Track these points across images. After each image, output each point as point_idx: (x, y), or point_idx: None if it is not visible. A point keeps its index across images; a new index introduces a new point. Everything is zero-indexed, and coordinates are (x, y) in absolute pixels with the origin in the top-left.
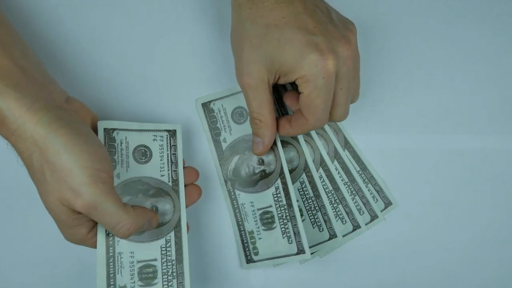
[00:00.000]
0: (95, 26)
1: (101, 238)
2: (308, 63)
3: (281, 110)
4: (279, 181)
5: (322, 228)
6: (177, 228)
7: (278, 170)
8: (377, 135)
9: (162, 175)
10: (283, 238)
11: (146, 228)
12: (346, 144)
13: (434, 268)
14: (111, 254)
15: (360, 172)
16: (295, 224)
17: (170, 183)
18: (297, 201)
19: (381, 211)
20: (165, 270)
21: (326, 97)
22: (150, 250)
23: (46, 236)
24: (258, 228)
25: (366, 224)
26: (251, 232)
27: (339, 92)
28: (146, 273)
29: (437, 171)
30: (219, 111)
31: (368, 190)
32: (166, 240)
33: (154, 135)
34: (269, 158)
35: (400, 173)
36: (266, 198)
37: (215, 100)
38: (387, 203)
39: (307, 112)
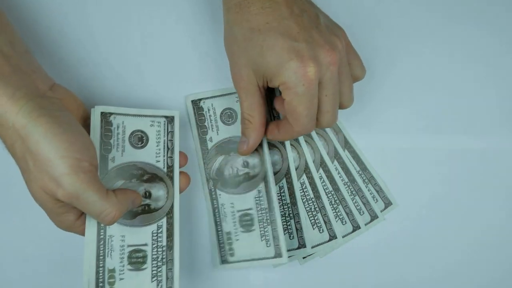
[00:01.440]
0: (89, 15)
1: (91, 220)
2: (288, 70)
3: (273, 114)
4: (262, 185)
5: (322, 229)
6: (170, 214)
7: (263, 174)
8: (377, 135)
9: (157, 161)
10: (261, 241)
11: (131, 208)
12: (346, 144)
13: (434, 268)
14: (101, 236)
15: (360, 172)
16: (275, 228)
17: (165, 169)
18: (282, 205)
19: (381, 211)
20: (155, 256)
21: (308, 104)
22: (141, 234)
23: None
24: (236, 229)
25: (366, 224)
26: (229, 233)
27: (324, 99)
28: (136, 257)
29: (437, 171)
30: (209, 110)
31: (368, 190)
32: (157, 226)
33: (152, 121)
34: (254, 161)
35: (400, 173)
36: (247, 200)
37: (205, 98)
38: (387, 203)
39: (291, 119)
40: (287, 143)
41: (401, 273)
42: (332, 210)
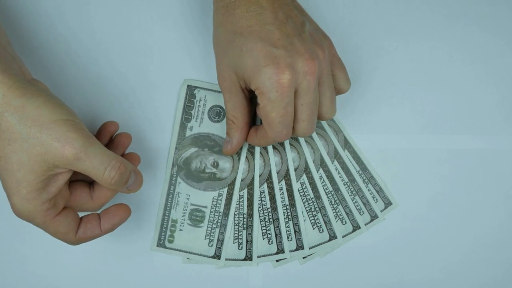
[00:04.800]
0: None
1: (165, 176)
2: (262, 75)
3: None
4: (225, 190)
5: (322, 229)
6: (231, 186)
7: (230, 180)
8: (377, 135)
9: None
10: (205, 239)
11: (133, 182)
12: (346, 144)
13: (434, 268)
14: (171, 191)
15: (360, 172)
16: (223, 233)
17: None
18: (235, 214)
19: (381, 211)
20: (211, 218)
21: (282, 111)
22: (203, 197)
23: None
24: (184, 220)
25: (366, 224)
26: (175, 221)
27: (300, 108)
28: (196, 215)
29: (437, 171)
30: (200, 100)
31: (368, 190)
32: (219, 193)
33: None
34: (225, 165)
35: (400, 173)
36: (204, 198)
37: (201, 88)
38: (387, 203)
39: (265, 124)
40: (287, 144)
41: (401, 273)
42: (332, 210)
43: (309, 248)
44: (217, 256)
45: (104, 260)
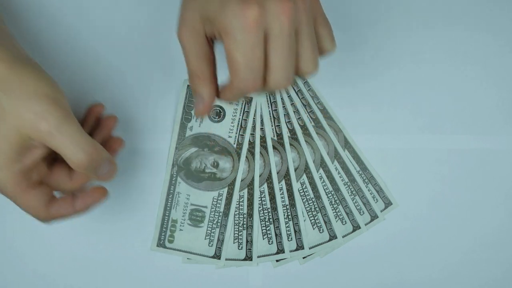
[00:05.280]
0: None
1: (165, 176)
2: (228, 12)
3: (273, 115)
4: (225, 190)
5: (322, 229)
6: (231, 186)
7: (230, 180)
8: (377, 135)
9: (229, 137)
10: (205, 239)
11: (105, 170)
12: (346, 144)
13: (434, 268)
14: (171, 191)
15: (360, 172)
16: (223, 232)
17: (235, 145)
18: (235, 214)
19: (381, 211)
20: (211, 218)
21: (248, 53)
22: (203, 198)
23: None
24: (184, 220)
25: (366, 224)
26: (175, 221)
27: (272, 53)
28: (196, 215)
29: (437, 171)
30: None
31: (368, 190)
32: (219, 193)
33: None
34: (225, 165)
35: (400, 173)
36: (205, 198)
37: None
38: (387, 203)
39: (230, 70)
40: (287, 144)
41: (401, 273)
42: (332, 210)
43: (309, 248)
44: (217, 256)
45: (104, 259)
